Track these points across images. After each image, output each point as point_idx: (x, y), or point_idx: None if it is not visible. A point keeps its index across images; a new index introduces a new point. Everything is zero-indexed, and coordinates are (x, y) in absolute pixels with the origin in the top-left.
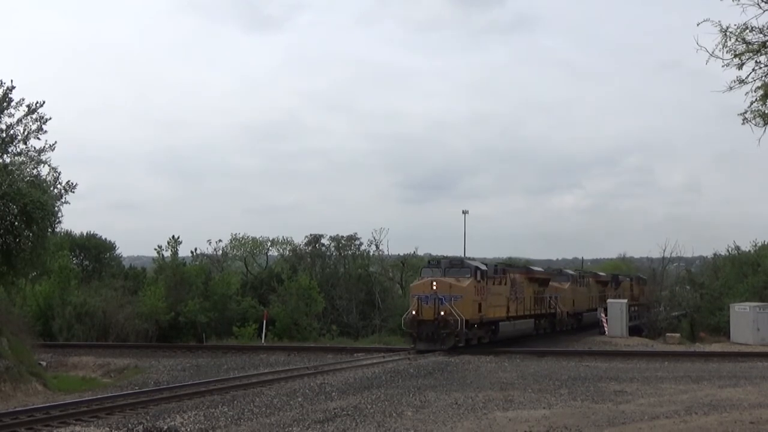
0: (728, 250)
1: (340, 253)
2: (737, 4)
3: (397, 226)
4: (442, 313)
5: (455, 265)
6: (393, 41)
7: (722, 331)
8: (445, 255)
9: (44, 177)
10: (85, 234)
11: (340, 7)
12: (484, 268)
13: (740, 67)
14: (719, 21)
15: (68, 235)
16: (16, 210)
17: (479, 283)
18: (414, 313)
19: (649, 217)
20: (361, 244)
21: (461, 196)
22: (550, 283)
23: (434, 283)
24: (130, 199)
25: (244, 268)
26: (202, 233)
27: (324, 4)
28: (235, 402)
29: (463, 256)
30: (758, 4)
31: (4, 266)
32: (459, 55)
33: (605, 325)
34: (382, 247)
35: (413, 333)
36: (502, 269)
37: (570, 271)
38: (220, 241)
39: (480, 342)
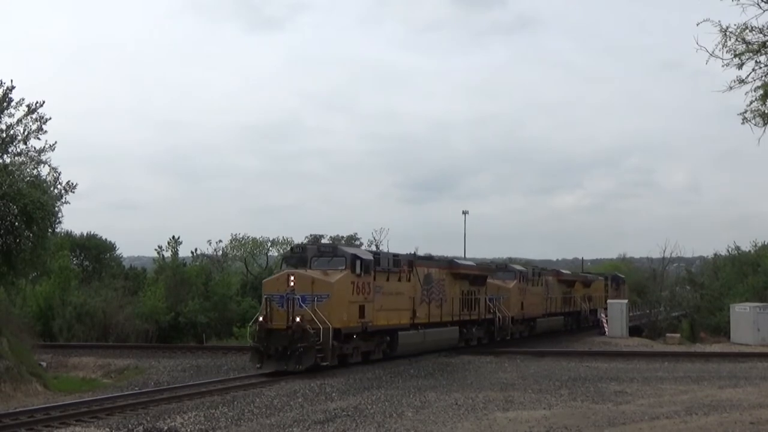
0: (728, 251)
1: None
2: (737, 4)
3: (398, 226)
4: (298, 319)
5: (325, 253)
6: (394, 42)
7: (722, 331)
8: (442, 254)
9: (44, 177)
10: (85, 234)
11: (341, 7)
12: (367, 257)
13: (740, 66)
14: (719, 21)
15: (68, 235)
16: (16, 210)
17: (359, 277)
18: (261, 319)
19: (650, 217)
20: (361, 244)
21: (462, 196)
22: (489, 280)
23: (291, 278)
24: (130, 199)
25: (244, 268)
26: (203, 233)
27: (325, 5)
28: (235, 402)
29: (463, 256)
30: (758, 4)
31: (5, 267)
32: (460, 55)
33: (605, 325)
34: (383, 247)
35: (260, 347)
36: (408, 260)
37: (518, 267)
38: (220, 241)
39: (367, 359)
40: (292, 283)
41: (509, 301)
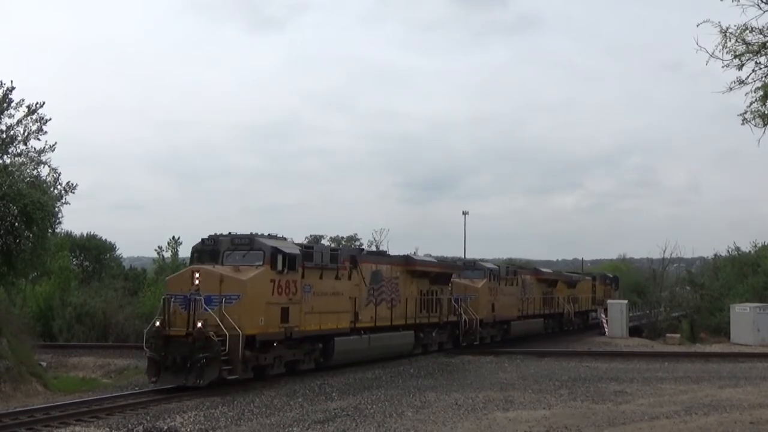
0: (728, 251)
1: None
2: (737, 5)
3: (398, 226)
4: (200, 324)
5: (239, 246)
6: (394, 42)
7: (722, 331)
8: (445, 255)
9: (44, 178)
10: (85, 235)
11: (341, 7)
12: (292, 251)
13: (740, 67)
14: (719, 22)
15: (68, 235)
16: (16, 211)
17: (282, 275)
18: (158, 324)
19: (650, 217)
20: (361, 244)
21: (462, 196)
22: (454, 279)
23: (196, 275)
24: (130, 199)
25: None
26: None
27: (325, 5)
28: (235, 402)
29: (463, 257)
30: (758, 5)
31: (5, 267)
32: (460, 55)
33: (605, 325)
34: (383, 247)
35: (156, 357)
36: (350, 256)
37: (488, 265)
38: None
39: (294, 370)
40: (196, 281)
41: (478, 301)
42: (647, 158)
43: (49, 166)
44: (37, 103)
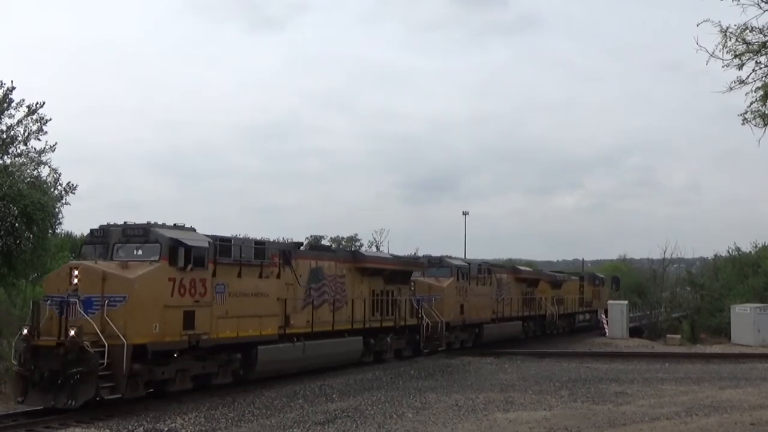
0: (729, 251)
1: None
2: (737, 5)
3: (398, 226)
4: (73, 332)
5: (132, 237)
6: (394, 42)
7: (723, 332)
8: (447, 255)
9: (45, 178)
10: (85, 235)
11: (341, 7)
12: (199, 243)
13: (740, 67)
14: (719, 21)
15: (69, 236)
16: (16, 211)
17: (184, 272)
18: (26, 332)
19: (650, 217)
20: (361, 244)
21: (462, 197)
22: (417, 278)
23: (75, 272)
24: (130, 199)
25: None
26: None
27: (325, 5)
28: (236, 403)
29: (464, 257)
30: (758, 4)
31: (5, 268)
32: (460, 55)
33: (606, 326)
34: (383, 247)
35: (23, 372)
36: (280, 250)
37: (457, 262)
38: None
39: (206, 385)
40: (75, 280)
41: (443, 303)
42: (647, 158)
43: (49, 167)
44: (37, 103)
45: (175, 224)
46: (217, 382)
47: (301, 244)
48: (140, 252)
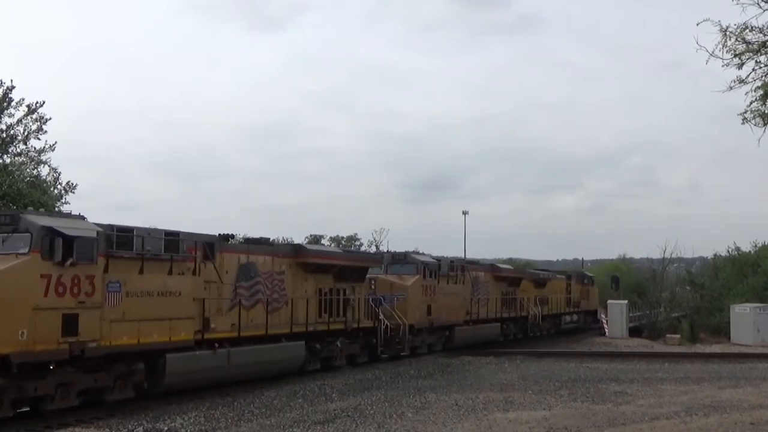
0: (728, 251)
1: None
2: (737, 4)
3: (398, 226)
4: None
5: (1, 226)
6: (394, 41)
7: (722, 332)
8: (445, 256)
9: (44, 177)
10: None
11: (341, 7)
12: (84, 233)
13: (740, 66)
14: (719, 21)
15: None
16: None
17: (64, 267)
18: None
19: (650, 217)
20: (361, 244)
21: (462, 196)
22: (377, 275)
23: None
24: (130, 199)
25: None
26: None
27: (325, 5)
28: (235, 403)
29: (463, 257)
30: (758, 4)
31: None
32: (460, 55)
33: (605, 326)
34: (383, 247)
35: None
36: (202, 243)
37: (423, 258)
38: None
39: (99, 401)
40: None
41: (407, 302)
42: (647, 158)
43: (49, 166)
44: (37, 103)
45: (61, 211)
46: (112, 398)
47: (231, 236)
48: (8, 243)
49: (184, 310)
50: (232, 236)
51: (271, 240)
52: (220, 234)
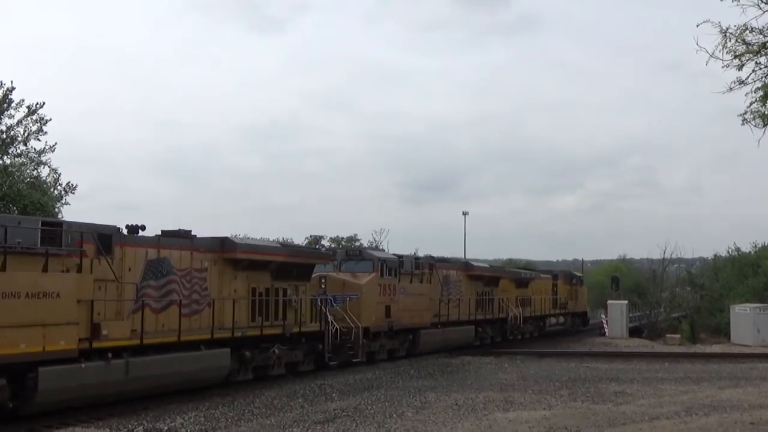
0: (728, 252)
1: None
2: (737, 5)
3: (398, 226)
4: None
5: None
6: (395, 42)
7: (722, 332)
8: (445, 255)
9: (44, 178)
10: None
11: (341, 7)
12: None
13: (740, 68)
14: (719, 22)
15: None
16: (16, 211)
17: None
18: None
19: (650, 217)
20: (361, 244)
21: (462, 196)
22: (329, 273)
23: None
24: (130, 199)
25: None
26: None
27: (325, 5)
28: (236, 403)
29: (463, 257)
30: (758, 5)
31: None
32: (460, 55)
33: (606, 326)
34: (383, 247)
35: None
36: (98, 236)
37: (383, 254)
38: None
39: None
40: None
41: (361, 303)
42: (647, 158)
43: (49, 167)
44: (37, 104)
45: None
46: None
47: (141, 227)
48: None
49: (63, 315)
50: (142, 227)
51: (191, 233)
52: (128, 225)
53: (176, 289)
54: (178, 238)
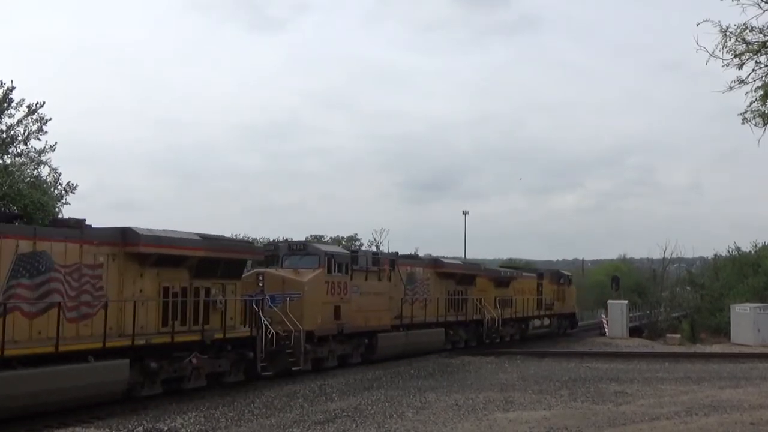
0: (729, 251)
1: None
2: (737, 4)
3: (398, 226)
4: None
5: None
6: (395, 41)
7: (723, 331)
8: (444, 256)
9: (44, 178)
10: None
11: (341, 7)
12: None
13: (740, 67)
14: (719, 21)
15: None
16: (16, 211)
17: None
18: None
19: (650, 217)
20: (361, 244)
21: (463, 196)
22: (267, 270)
23: None
24: (130, 199)
25: None
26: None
27: (325, 5)
28: (236, 403)
29: (463, 257)
30: (758, 4)
31: None
32: (461, 55)
33: (606, 325)
34: (383, 247)
35: None
36: None
37: (331, 248)
38: None
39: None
40: None
41: (303, 303)
42: (647, 158)
43: (49, 167)
44: (37, 103)
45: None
46: None
47: (16, 216)
48: None
49: None
50: (19, 217)
51: (84, 222)
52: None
53: (59, 289)
54: (62, 228)
